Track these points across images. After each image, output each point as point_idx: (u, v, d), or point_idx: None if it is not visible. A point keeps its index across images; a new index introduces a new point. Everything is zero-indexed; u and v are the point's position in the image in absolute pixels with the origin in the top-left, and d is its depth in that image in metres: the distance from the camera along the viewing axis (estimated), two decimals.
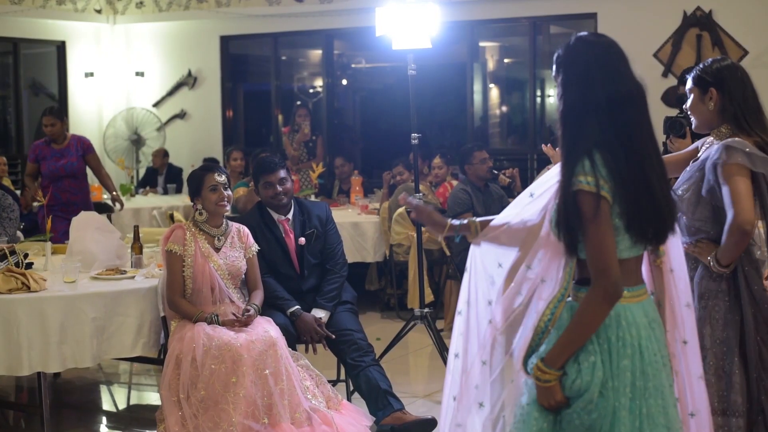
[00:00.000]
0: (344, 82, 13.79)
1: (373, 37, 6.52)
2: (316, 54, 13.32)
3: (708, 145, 3.83)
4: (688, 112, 3.90)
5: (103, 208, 9.28)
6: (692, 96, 3.82)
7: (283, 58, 13.29)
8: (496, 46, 13.11)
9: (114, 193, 8.89)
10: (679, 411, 2.95)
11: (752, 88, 3.78)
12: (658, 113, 5.03)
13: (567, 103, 2.82)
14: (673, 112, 5.96)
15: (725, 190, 3.59)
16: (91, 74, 12.95)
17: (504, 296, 3.06)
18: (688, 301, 3.07)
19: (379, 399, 5.40)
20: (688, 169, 3.81)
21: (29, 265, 5.63)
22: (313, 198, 9.16)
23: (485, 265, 3.22)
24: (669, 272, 3.03)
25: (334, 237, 5.88)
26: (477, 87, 11.87)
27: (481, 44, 12.33)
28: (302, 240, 5.71)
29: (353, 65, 14.20)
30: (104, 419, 6.21)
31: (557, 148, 2.93)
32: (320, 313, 5.62)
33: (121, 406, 6.51)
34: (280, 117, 12.56)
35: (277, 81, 12.61)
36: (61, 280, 5.32)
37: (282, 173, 5.69)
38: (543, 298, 2.91)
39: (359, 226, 8.73)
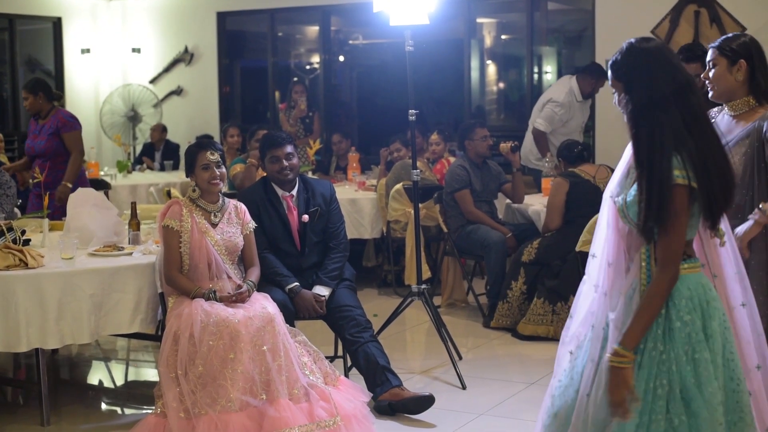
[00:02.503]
0: (341, 58, 13.74)
1: (370, 13, 6.49)
2: (313, 30, 13.28)
3: (724, 117, 4.02)
4: (708, 82, 4.04)
5: (100, 185, 9.27)
6: (717, 66, 3.99)
7: (280, 34, 13.25)
8: (494, 23, 13.06)
9: (66, 184, 7.68)
10: (742, 365, 3.13)
11: None
12: None
13: (636, 102, 3.05)
14: None
15: None
16: (88, 51, 12.91)
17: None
18: (739, 269, 3.28)
19: (377, 375, 5.41)
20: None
21: (27, 242, 5.63)
22: (310, 174, 9.16)
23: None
24: (718, 245, 3.24)
25: (338, 216, 5.89)
26: (474, 63, 11.84)
27: (479, 20, 12.29)
28: (306, 217, 5.71)
29: (350, 41, 14.14)
30: (102, 396, 6.23)
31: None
32: (322, 291, 5.63)
33: (119, 382, 6.52)
34: (276, 93, 12.53)
35: (273, 57, 12.57)
36: (58, 256, 5.32)
37: (289, 148, 5.70)
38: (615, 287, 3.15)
39: (356, 203, 8.74)
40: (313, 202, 5.77)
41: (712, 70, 4.02)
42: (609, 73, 3.19)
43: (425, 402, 5.35)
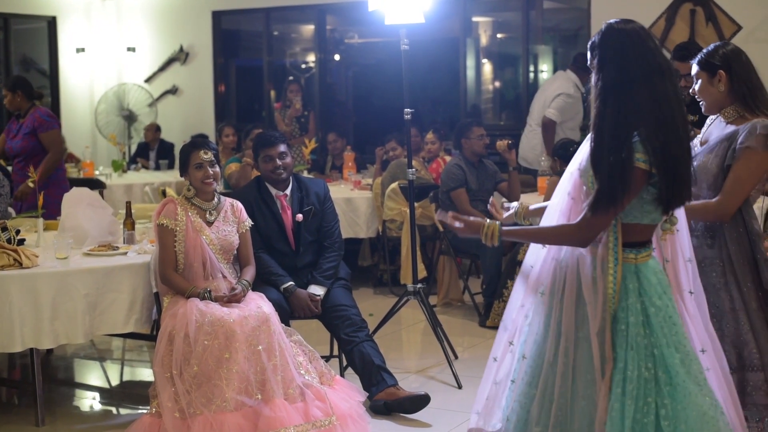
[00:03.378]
0: (337, 57, 13.73)
1: (365, 11, 6.47)
2: (309, 29, 13.27)
3: (719, 124, 4.08)
4: (697, 97, 4.12)
5: (95, 184, 9.25)
6: (700, 80, 4.06)
7: (275, 33, 13.23)
8: (489, 21, 13.06)
9: (28, 183, 7.13)
10: (693, 345, 3.28)
11: (755, 69, 4.05)
12: None
13: (606, 80, 3.13)
14: None
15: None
16: (83, 50, 12.89)
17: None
18: (690, 257, 3.41)
19: (373, 374, 5.41)
20: (710, 143, 4.04)
21: (21, 242, 5.61)
22: (306, 174, 9.14)
23: None
24: (675, 232, 3.35)
25: (332, 215, 5.88)
26: (470, 62, 11.84)
27: (474, 19, 12.29)
28: (299, 216, 5.70)
29: (346, 40, 14.13)
30: (97, 395, 6.21)
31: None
32: (318, 290, 5.62)
33: (114, 382, 6.51)
34: (272, 93, 12.52)
35: (269, 56, 12.56)
36: (53, 256, 5.31)
37: (282, 147, 5.69)
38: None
39: (352, 202, 8.72)
40: (307, 202, 5.76)
41: (696, 85, 4.09)
42: (589, 52, 3.26)
43: (421, 401, 5.34)
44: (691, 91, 4.18)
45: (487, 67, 13.10)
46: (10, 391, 6.14)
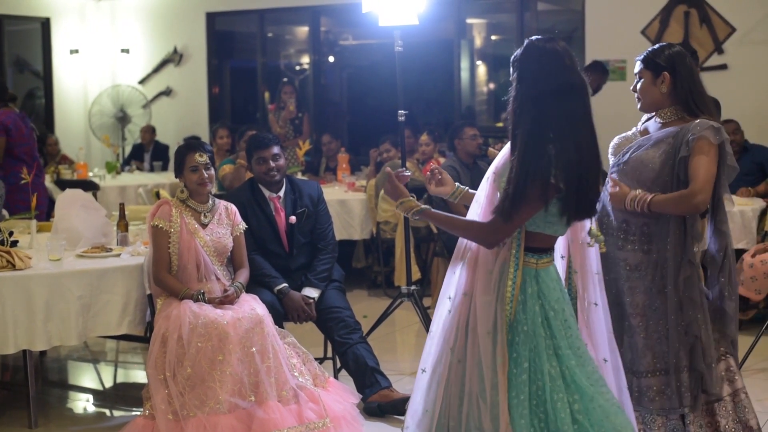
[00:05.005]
0: (331, 59, 13.73)
1: (359, 13, 6.47)
2: (303, 31, 13.27)
3: (654, 122, 4.13)
4: (636, 94, 4.15)
5: (88, 186, 9.23)
6: (643, 79, 4.10)
7: (270, 35, 13.23)
8: (484, 23, 13.07)
9: None
10: (593, 355, 3.46)
11: (698, 73, 4.12)
12: None
13: (523, 94, 3.26)
14: None
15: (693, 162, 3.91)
16: (76, 51, 12.88)
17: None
18: (598, 270, 3.55)
19: (367, 376, 5.40)
20: (651, 138, 4.07)
21: (14, 243, 5.60)
22: (300, 176, 9.14)
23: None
24: (585, 245, 3.51)
25: (325, 217, 5.87)
26: (464, 64, 11.84)
27: (468, 21, 12.29)
28: (293, 218, 5.69)
29: (340, 42, 14.13)
30: (90, 397, 6.20)
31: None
32: (312, 293, 5.61)
33: (108, 384, 6.50)
34: (266, 94, 12.52)
35: (263, 58, 12.56)
36: (46, 257, 5.29)
37: (275, 149, 5.68)
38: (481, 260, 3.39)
39: (346, 204, 8.72)
40: (301, 203, 5.75)
41: (639, 83, 4.11)
42: (510, 66, 3.40)
43: None
44: (631, 88, 4.22)
45: (482, 69, 13.10)
46: (2, 394, 6.12)
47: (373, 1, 6.14)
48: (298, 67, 13.77)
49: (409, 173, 3.77)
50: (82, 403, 6.08)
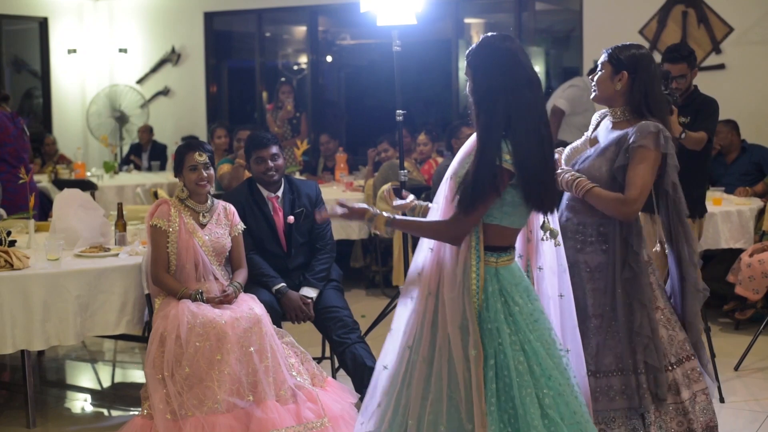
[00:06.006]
0: (329, 58, 13.72)
1: (357, 13, 6.47)
2: (301, 30, 13.26)
3: (603, 119, 4.18)
4: (593, 82, 4.18)
5: (86, 186, 9.23)
6: (603, 71, 4.12)
7: (267, 34, 13.23)
8: (481, 23, 13.06)
9: None
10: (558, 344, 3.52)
11: (661, 81, 4.15)
12: None
13: (478, 88, 3.39)
14: None
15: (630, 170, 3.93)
16: (74, 51, 12.88)
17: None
18: (561, 263, 3.70)
19: (365, 376, 5.38)
20: (600, 147, 4.08)
21: (12, 243, 5.60)
22: (298, 175, 9.13)
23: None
24: (540, 241, 3.64)
25: None
26: (462, 64, 11.73)
27: (466, 21, 12.29)
28: (291, 218, 5.69)
29: (338, 42, 14.13)
30: (88, 397, 6.20)
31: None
32: (310, 292, 5.60)
33: (106, 384, 6.49)
34: (264, 94, 12.51)
35: (261, 58, 12.56)
36: (44, 257, 5.30)
37: (274, 149, 5.67)
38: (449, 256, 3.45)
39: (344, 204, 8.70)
40: (299, 203, 5.75)
41: (599, 73, 4.14)
42: (466, 62, 3.49)
43: None
44: (591, 76, 4.22)
45: None
46: (0, 393, 6.12)
47: (372, 1, 6.14)
48: (296, 67, 13.77)
49: (412, 197, 3.91)
50: (80, 403, 6.08)
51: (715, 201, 7.28)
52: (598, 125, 4.22)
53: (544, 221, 3.59)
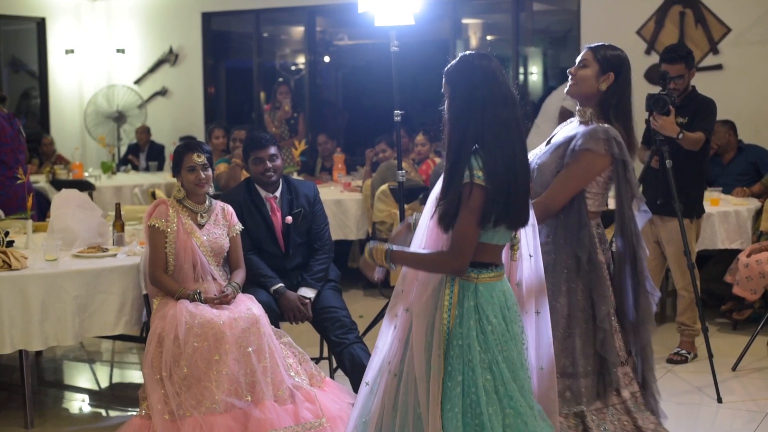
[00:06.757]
0: (326, 59, 13.74)
1: (355, 13, 6.47)
2: (298, 31, 13.27)
3: (575, 120, 4.16)
4: (572, 77, 4.15)
5: (84, 186, 9.23)
6: (588, 69, 4.09)
7: (265, 35, 13.23)
8: (479, 23, 13.07)
9: None
10: (530, 364, 3.52)
11: (630, 89, 4.10)
12: (641, 90, 5.07)
13: (454, 105, 3.37)
14: (656, 89, 5.97)
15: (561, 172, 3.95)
16: (72, 51, 12.87)
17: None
18: (541, 280, 3.61)
19: (363, 376, 5.39)
20: (553, 143, 4.10)
21: (10, 243, 5.60)
22: (295, 176, 9.14)
23: None
24: (528, 257, 3.59)
25: (322, 217, 5.86)
26: None
27: (464, 21, 12.30)
28: (289, 219, 5.69)
29: (335, 42, 14.14)
30: (87, 398, 6.20)
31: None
32: (308, 293, 5.60)
33: (104, 384, 6.49)
34: (262, 94, 12.52)
35: (259, 58, 12.55)
36: (42, 258, 5.30)
37: (272, 150, 5.67)
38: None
39: (342, 204, 8.72)
40: (297, 204, 5.75)
41: (582, 70, 4.10)
42: (443, 78, 3.49)
43: None
44: (570, 70, 4.18)
45: None
46: None
47: (369, 1, 6.14)
48: (293, 67, 13.78)
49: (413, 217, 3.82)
50: (78, 403, 6.08)
51: (713, 201, 7.30)
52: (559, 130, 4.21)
53: (512, 238, 3.50)
